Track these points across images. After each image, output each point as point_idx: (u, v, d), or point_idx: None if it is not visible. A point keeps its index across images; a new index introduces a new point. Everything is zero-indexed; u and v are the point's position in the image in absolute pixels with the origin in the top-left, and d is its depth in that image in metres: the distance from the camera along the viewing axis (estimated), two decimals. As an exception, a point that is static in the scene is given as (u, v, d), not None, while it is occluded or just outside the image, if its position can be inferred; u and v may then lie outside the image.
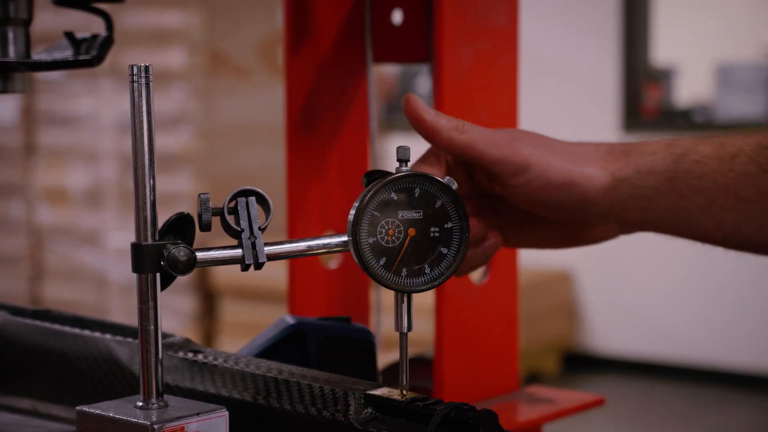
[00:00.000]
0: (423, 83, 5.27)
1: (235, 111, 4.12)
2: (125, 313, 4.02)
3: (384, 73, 5.54)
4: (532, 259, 4.16)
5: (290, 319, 0.92)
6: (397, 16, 1.22)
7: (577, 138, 1.05)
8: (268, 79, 4.17)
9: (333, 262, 1.25)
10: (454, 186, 0.79)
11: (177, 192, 3.99)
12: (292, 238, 1.21)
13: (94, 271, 4.12)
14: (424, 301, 1.24)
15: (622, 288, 5.27)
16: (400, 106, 0.97)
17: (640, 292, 5.23)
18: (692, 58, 5.60)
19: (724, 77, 4.99)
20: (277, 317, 0.95)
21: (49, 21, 2.76)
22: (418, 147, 0.97)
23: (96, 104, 4.17)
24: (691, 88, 5.46)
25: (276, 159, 3.97)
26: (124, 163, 4.06)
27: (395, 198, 0.78)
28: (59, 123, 4.27)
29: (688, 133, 4.87)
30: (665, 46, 5.27)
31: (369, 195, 0.78)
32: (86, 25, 3.13)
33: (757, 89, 4.92)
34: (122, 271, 3.96)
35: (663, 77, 5.17)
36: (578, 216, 0.96)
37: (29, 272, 4.39)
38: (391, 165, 0.89)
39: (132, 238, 0.75)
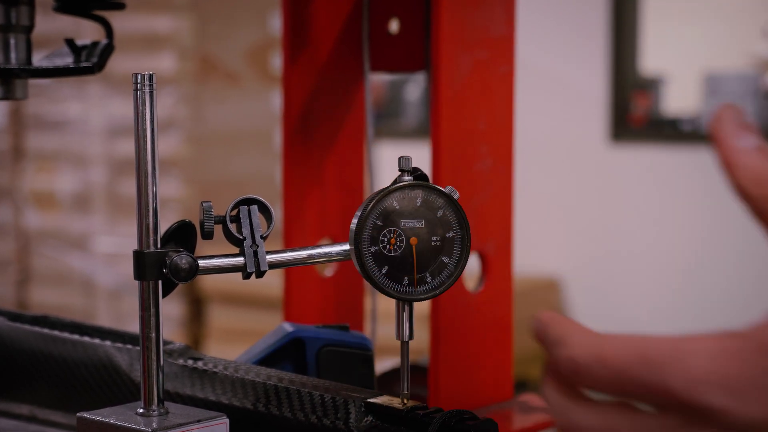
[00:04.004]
0: (412, 91, 5.26)
1: (224, 117, 4.11)
2: (112, 317, 4.00)
3: (373, 81, 5.54)
4: (518, 267, 4.16)
5: (289, 327, 0.93)
6: (393, 25, 1.22)
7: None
8: (259, 85, 4.16)
9: (328, 270, 1.26)
10: (456, 195, 0.79)
11: (165, 197, 3.98)
12: (289, 245, 1.22)
13: (81, 275, 4.10)
14: (418, 308, 1.24)
15: (610, 296, 5.28)
16: (389, 113, 0.98)
17: (628, 301, 5.24)
18: (680, 68, 5.61)
19: (712, 87, 5.01)
20: (264, 323, 0.95)
21: (40, 24, 2.74)
22: (413, 155, 0.96)
23: (84, 108, 4.15)
24: (679, 98, 5.48)
25: (265, 165, 3.96)
26: (113, 167, 4.05)
27: (397, 207, 0.78)
28: (48, 127, 4.25)
29: (676, 142, 4.89)
30: (654, 56, 5.28)
31: (371, 204, 0.78)
32: (75, 29, 3.12)
33: (744, 99, 4.94)
34: (110, 276, 3.95)
35: (651, 86, 5.18)
36: None
37: (16, 276, 4.37)
38: (382, 173, 0.89)
39: (120, 242, 0.75)
